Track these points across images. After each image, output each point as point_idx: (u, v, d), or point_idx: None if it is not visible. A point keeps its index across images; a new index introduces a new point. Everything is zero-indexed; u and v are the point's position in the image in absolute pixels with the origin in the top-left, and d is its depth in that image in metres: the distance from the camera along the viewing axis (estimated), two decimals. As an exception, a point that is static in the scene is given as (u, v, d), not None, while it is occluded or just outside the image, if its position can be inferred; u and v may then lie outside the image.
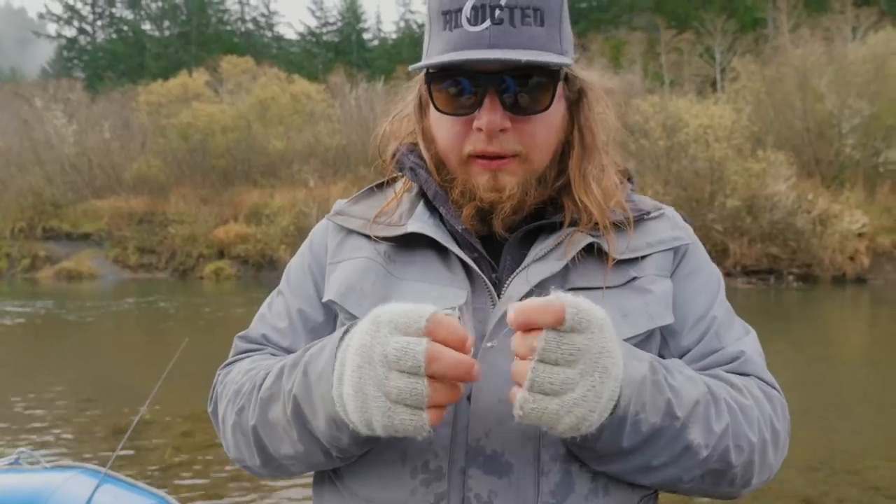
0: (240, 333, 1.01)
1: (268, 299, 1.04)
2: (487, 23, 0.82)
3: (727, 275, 23.35)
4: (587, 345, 0.68)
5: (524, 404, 0.67)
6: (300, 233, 25.06)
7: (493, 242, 0.91)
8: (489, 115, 0.83)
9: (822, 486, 4.60)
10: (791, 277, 23.72)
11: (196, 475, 4.73)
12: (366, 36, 71.35)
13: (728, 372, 0.88)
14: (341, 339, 0.75)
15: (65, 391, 7.36)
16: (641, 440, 0.75)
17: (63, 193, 33.77)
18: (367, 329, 0.70)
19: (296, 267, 1.02)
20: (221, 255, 29.54)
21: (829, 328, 13.25)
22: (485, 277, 0.86)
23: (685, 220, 1.01)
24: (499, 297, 0.85)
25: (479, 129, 0.84)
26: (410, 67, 0.90)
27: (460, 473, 0.79)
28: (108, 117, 38.53)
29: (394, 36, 71.24)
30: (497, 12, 0.82)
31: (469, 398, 0.80)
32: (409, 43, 65.20)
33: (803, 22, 39.13)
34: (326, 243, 0.98)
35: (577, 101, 0.92)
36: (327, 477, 0.91)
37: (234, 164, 35.36)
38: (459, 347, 0.67)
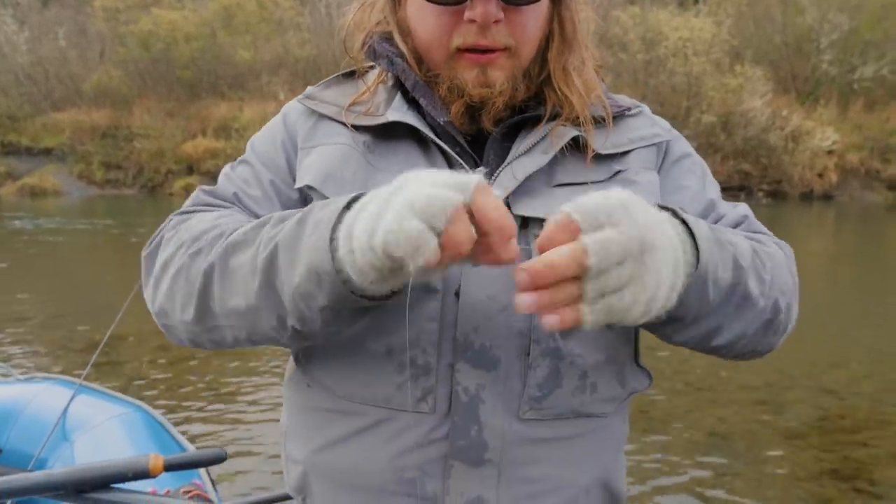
0: (203, 187, 0.93)
1: (226, 168, 0.96)
2: None
3: (699, 191, 23.71)
4: (622, 239, 0.58)
5: (588, 316, 0.59)
6: (271, 148, 24.60)
7: (476, 138, 0.88)
8: (484, 6, 0.79)
9: (777, 389, 4.85)
10: (761, 194, 24.14)
11: (172, 387, 4.81)
12: (335, -63, 67.35)
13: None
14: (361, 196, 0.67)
15: (35, 307, 7.31)
16: (721, 297, 0.71)
17: (19, 106, 32.31)
18: (406, 176, 0.62)
19: (265, 140, 0.95)
20: (191, 170, 28.89)
21: (793, 244, 13.41)
22: (469, 171, 0.84)
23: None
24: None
25: (472, 21, 0.80)
26: None
27: (448, 368, 0.79)
28: (62, 24, 36.37)
29: (365, -62, 67.24)
30: None
31: (457, 294, 0.79)
32: (381, -54, 61.70)
33: (790, -71, 37.86)
34: (298, 126, 0.93)
35: None
36: (299, 374, 0.89)
37: (200, 75, 33.97)
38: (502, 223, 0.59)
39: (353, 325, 0.74)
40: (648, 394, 4.66)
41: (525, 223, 0.81)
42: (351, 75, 0.98)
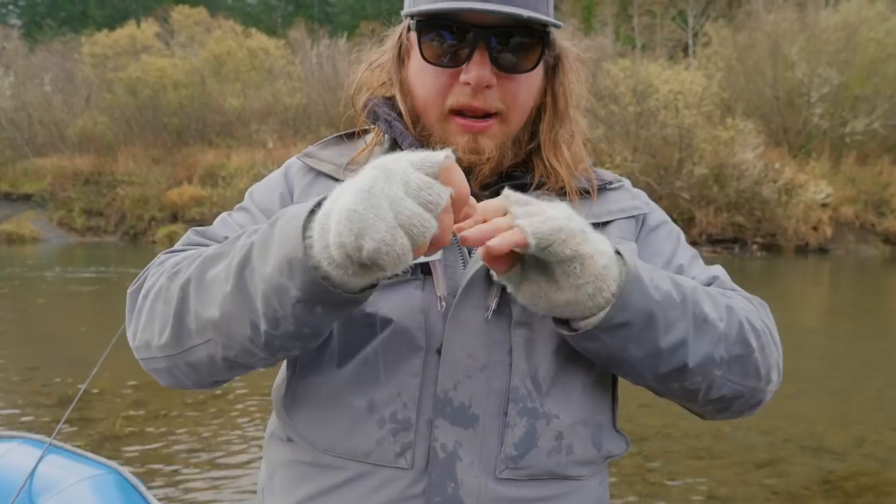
0: (196, 228, 0.98)
1: (224, 214, 1.01)
2: None
3: (692, 243, 23.37)
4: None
5: (524, 221, 0.71)
6: (258, 196, 24.64)
7: None
8: (479, 70, 0.85)
9: (778, 450, 4.80)
10: (755, 247, 24.38)
11: (147, 446, 4.70)
12: (328, -11, 69.38)
13: None
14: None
15: (7, 360, 7.17)
16: (664, 301, 0.78)
17: (0, 151, 32.43)
18: (384, 158, 0.67)
19: (265, 190, 1.00)
20: (175, 218, 28.87)
21: (790, 298, 13.70)
22: (455, 235, 0.88)
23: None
24: (469, 256, 0.88)
25: (467, 83, 0.87)
26: (402, 13, 0.92)
27: (427, 424, 0.82)
28: (48, 69, 36.89)
29: (357, -11, 69.39)
30: None
31: (439, 351, 0.83)
32: (374, -2, 63.67)
33: (777, -13, 39.47)
34: (296, 181, 0.98)
35: (553, 67, 0.95)
36: (280, 428, 0.91)
37: (188, 122, 34.35)
38: (465, 200, 0.68)
39: (326, 325, 0.75)
40: (646, 454, 4.60)
41: (505, 288, 0.83)
42: (349, 136, 1.03)
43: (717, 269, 1.00)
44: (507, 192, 0.75)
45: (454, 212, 0.67)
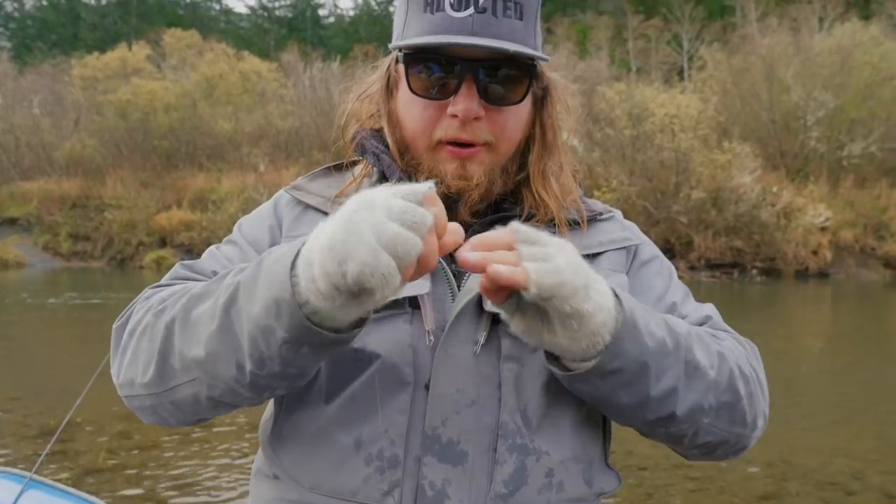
0: (184, 261, 0.98)
1: (212, 247, 1.01)
2: (471, 10, 0.86)
3: (691, 268, 23.99)
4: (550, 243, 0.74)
5: (531, 266, 0.69)
6: (249, 220, 24.66)
7: None
8: (466, 102, 0.87)
9: (780, 481, 4.77)
10: (754, 271, 24.49)
11: (131, 479, 4.63)
12: (321, 12, 70.52)
13: None
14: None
15: (-13, 389, 7.09)
16: (657, 349, 0.78)
17: (-14, 174, 32.47)
18: (366, 191, 0.68)
19: (254, 223, 1.01)
20: (163, 243, 28.82)
21: (790, 323, 13.72)
22: (445, 267, 0.89)
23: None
24: (458, 288, 0.88)
25: (454, 116, 0.88)
26: (391, 45, 0.94)
27: (415, 461, 0.81)
28: (37, 92, 37.08)
29: (351, 13, 70.60)
30: (481, 1, 0.86)
31: (427, 386, 0.83)
32: (368, 21, 64.60)
33: (771, 11, 40.31)
34: (284, 213, 0.99)
35: (542, 99, 0.97)
36: (267, 465, 0.90)
37: (178, 145, 34.49)
38: (444, 229, 0.69)
39: (312, 366, 0.75)
40: (646, 486, 4.56)
41: (495, 319, 0.84)
42: (338, 167, 1.05)
43: (710, 309, 1.01)
44: (515, 225, 0.73)
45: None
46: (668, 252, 23.21)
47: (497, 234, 0.72)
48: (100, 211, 30.30)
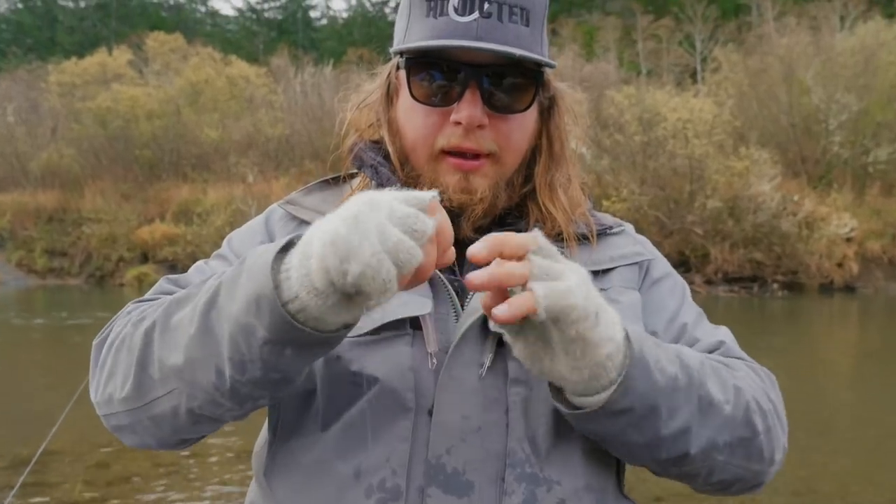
0: (169, 276, 0.99)
1: (199, 262, 1.02)
2: (476, 14, 0.88)
3: (707, 282, 23.97)
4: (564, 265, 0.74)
5: (539, 289, 0.69)
6: (236, 234, 24.71)
7: (457, 244, 0.93)
8: (470, 109, 0.88)
9: (808, 511, 4.74)
10: (776, 285, 24.46)
11: (111, 512, 4.60)
12: (313, 14, 71.14)
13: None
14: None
15: (-43, 417, 7.06)
16: (669, 386, 0.78)
17: (-43, 186, 32.59)
18: (369, 192, 0.69)
19: (244, 237, 1.02)
20: (145, 258, 28.86)
21: (815, 341, 13.69)
22: (447, 283, 0.89)
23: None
24: (462, 307, 0.89)
25: (458, 123, 0.89)
26: (391, 49, 0.95)
27: (418, 492, 0.81)
28: (11, 99, 37.31)
29: (344, 15, 71.15)
30: (486, 5, 0.88)
31: (430, 412, 0.83)
32: (362, 23, 65.11)
33: (789, 9, 40.60)
34: (277, 229, 1.00)
35: (548, 108, 0.99)
36: (261, 498, 0.90)
37: (161, 155, 34.65)
38: (448, 241, 0.70)
39: (295, 371, 0.75)
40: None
41: (502, 340, 0.84)
42: (335, 180, 1.05)
43: (724, 333, 1.00)
44: (536, 233, 0.73)
45: (437, 252, 0.69)
46: (683, 265, 23.21)
47: (514, 237, 0.72)
48: (78, 225, 30.37)
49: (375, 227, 0.63)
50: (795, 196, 25.71)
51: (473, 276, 0.69)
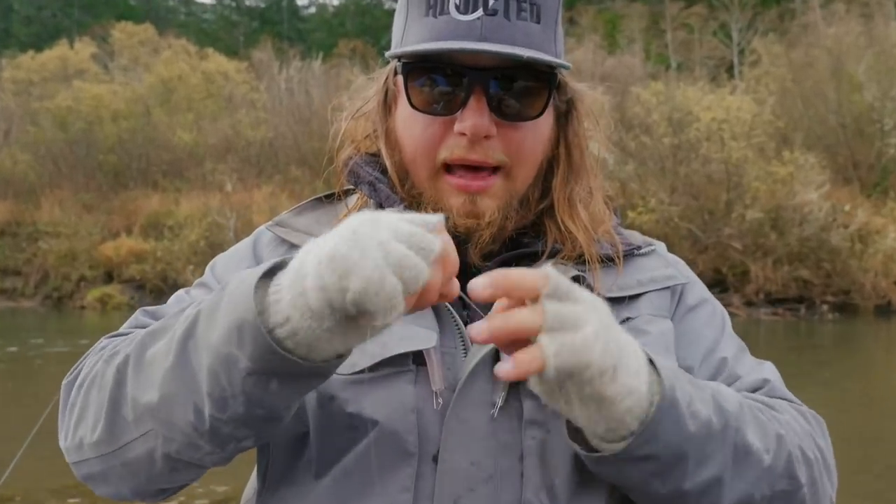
0: (146, 307, 1.00)
1: (180, 291, 1.03)
2: (479, 12, 0.88)
3: (747, 304, 23.86)
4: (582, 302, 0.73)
5: (550, 346, 0.67)
6: (213, 250, 24.70)
7: (464, 273, 0.93)
8: (475, 118, 0.88)
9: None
10: (825, 307, 24.33)
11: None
12: (300, 2, 71.55)
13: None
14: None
15: None
16: (701, 433, 0.77)
17: None
18: (372, 212, 0.70)
19: (228, 264, 1.03)
20: (109, 278, 28.87)
21: (871, 371, 13.59)
22: (455, 315, 0.89)
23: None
24: (471, 342, 0.88)
25: (462, 134, 0.89)
26: (387, 54, 0.95)
27: None
28: (-39, 99, 37.54)
29: (335, 3, 71.57)
30: (491, 1, 0.88)
31: (435, 458, 0.82)
32: (356, 12, 65.59)
33: (837, -5, 40.68)
34: (265, 255, 1.00)
35: (565, 114, 0.98)
36: None
37: (128, 160, 34.77)
38: (454, 267, 0.70)
39: (282, 406, 0.75)
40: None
41: (516, 386, 0.85)
42: (329, 198, 1.06)
43: (769, 370, 0.99)
44: (550, 270, 0.71)
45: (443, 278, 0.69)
46: (720, 285, 23.12)
47: (524, 276, 0.70)
48: (33, 240, 30.43)
49: (378, 243, 0.64)
50: (846, 206, 25.63)
51: (477, 330, 0.69)
